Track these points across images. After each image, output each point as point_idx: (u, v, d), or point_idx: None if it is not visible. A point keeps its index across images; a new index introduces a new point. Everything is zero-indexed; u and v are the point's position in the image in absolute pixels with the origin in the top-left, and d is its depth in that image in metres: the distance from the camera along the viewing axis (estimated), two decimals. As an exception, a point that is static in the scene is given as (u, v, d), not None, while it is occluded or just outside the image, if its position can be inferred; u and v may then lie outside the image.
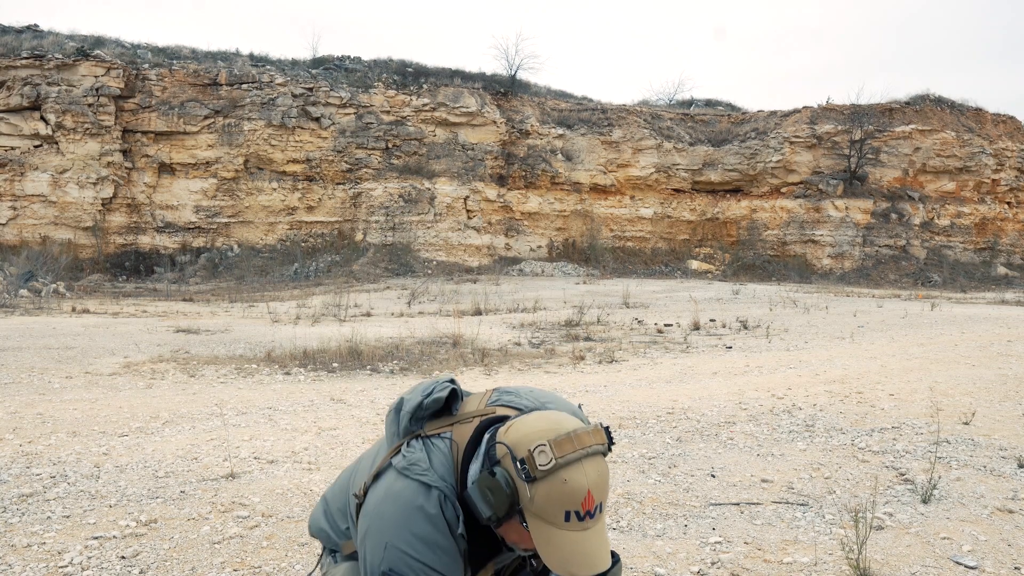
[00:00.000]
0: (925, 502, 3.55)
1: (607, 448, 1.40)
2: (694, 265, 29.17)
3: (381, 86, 27.23)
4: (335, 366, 7.75)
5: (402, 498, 1.44)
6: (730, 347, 9.85)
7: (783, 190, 30.25)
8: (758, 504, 3.55)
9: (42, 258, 20.30)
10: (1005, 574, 2.81)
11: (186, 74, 24.86)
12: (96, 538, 3.02)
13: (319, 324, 12.21)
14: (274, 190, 25.74)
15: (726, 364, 8.23)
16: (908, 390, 6.37)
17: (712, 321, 12.73)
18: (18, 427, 4.87)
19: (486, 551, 1.51)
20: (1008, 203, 30.57)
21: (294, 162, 25.89)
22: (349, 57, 28.88)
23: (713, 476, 3.99)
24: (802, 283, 25.69)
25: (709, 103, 34.99)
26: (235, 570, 2.78)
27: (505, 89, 29.40)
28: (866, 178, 29.75)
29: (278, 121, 25.33)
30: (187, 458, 4.20)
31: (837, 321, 13.24)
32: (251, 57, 27.20)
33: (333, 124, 26.13)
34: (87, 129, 22.91)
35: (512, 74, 30.10)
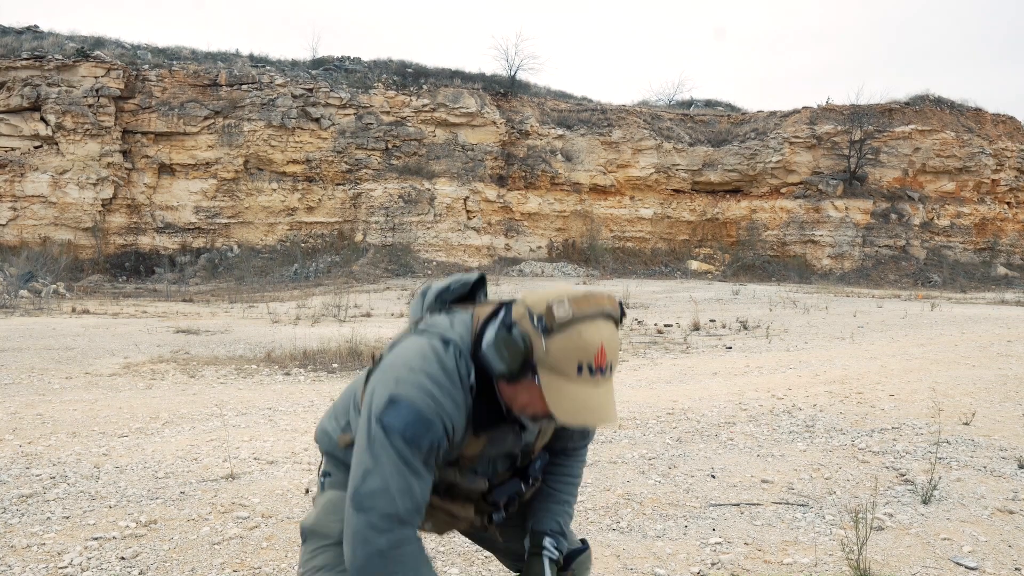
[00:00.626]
0: (925, 503, 3.54)
1: (620, 318, 1.45)
2: (694, 265, 29.17)
3: (381, 87, 27.23)
4: (335, 367, 7.75)
5: (418, 345, 1.47)
6: (730, 347, 9.85)
7: (783, 190, 30.26)
8: (758, 505, 3.55)
9: (42, 259, 20.30)
10: (1006, 575, 2.80)
11: (186, 75, 24.86)
12: (96, 539, 3.01)
13: (319, 325, 12.21)
14: (274, 191, 25.74)
15: (726, 364, 8.23)
16: (908, 391, 6.36)
17: (712, 321, 12.73)
18: (18, 428, 4.86)
19: (487, 419, 1.51)
20: (1008, 203, 30.58)
21: (294, 163, 25.90)
22: (349, 58, 28.89)
23: (713, 477, 3.99)
24: (802, 283, 25.69)
25: (709, 103, 35.00)
26: (235, 571, 2.77)
27: (505, 90, 29.39)
28: (866, 178, 29.75)
29: (278, 122, 25.34)
30: (187, 459, 4.20)
31: (837, 321, 13.24)
32: (251, 58, 27.21)
33: (333, 125, 26.13)
34: (87, 130, 22.91)
35: (512, 75, 30.11)
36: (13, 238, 22.61)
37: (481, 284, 1.67)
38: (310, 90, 26.03)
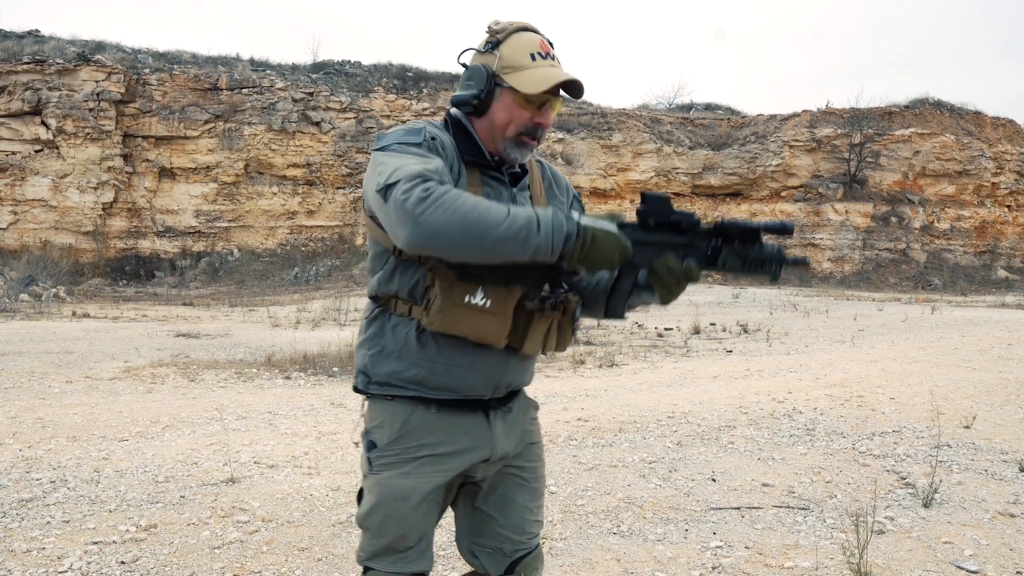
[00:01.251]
0: (926, 506, 3.54)
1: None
2: (694, 269, 29.17)
3: (381, 90, 27.26)
4: (335, 370, 7.74)
5: (405, 124, 1.56)
6: (730, 351, 9.85)
7: (783, 194, 30.26)
8: (759, 508, 3.55)
9: (42, 262, 20.30)
10: (1007, 578, 2.80)
11: (187, 79, 24.90)
12: (96, 543, 3.01)
13: (319, 328, 12.21)
14: (274, 194, 25.75)
15: (726, 368, 8.22)
16: (909, 394, 6.36)
17: (712, 325, 12.73)
18: (18, 431, 4.86)
19: (470, 152, 1.58)
20: (1008, 206, 30.57)
21: (294, 166, 25.91)
22: (349, 62, 28.92)
23: (714, 480, 3.98)
24: (802, 287, 25.68)
25: (709, 107, 35.02)
26: (235, 575, 2.77)
27: (505, 93, 29.41)
28: (866, 182, 29.76)
29: (278, 125, 25.36)
30: (187, 463, 4.19)
31: (837, 325, 13.23)
32: (251, 62, 27.24)
33: (333, 128, 26.15)
34: (88, 134, 22.94)
35: (512, 78, 30.12)
36: (14, 242, 22.62)
37: None
38: (310, 94, 26.06)
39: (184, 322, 13.11)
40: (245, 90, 25.40)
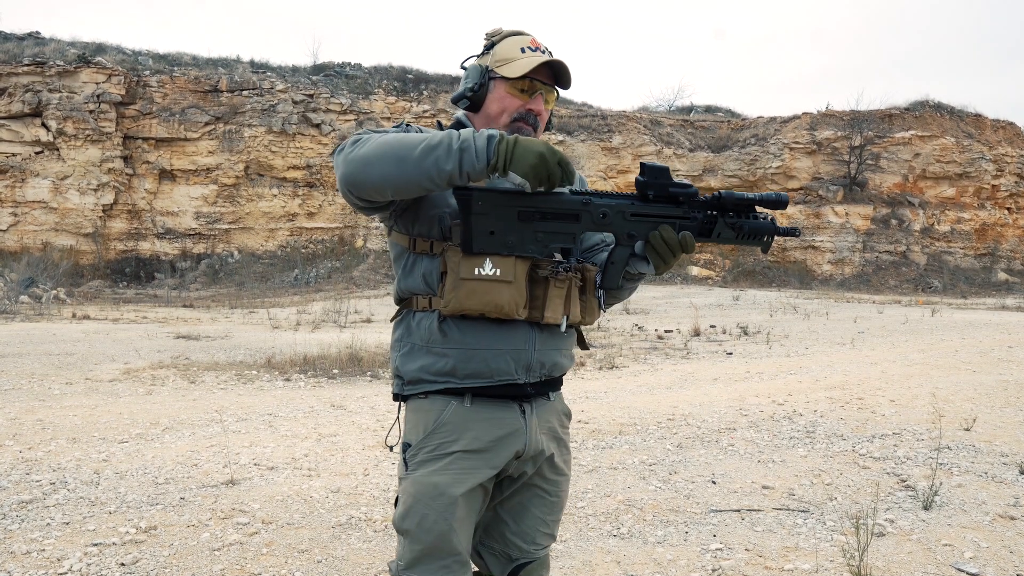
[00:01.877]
0: (926, 508, 3.54)
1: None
2: (694, 271, 29.17)
3: (381, 92, 27.28)
4: (335, 372, 7.74)
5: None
6: (730, 353, 9.84)
7: (783, 196, 30.28)
8: (759, 511, 3.55)
9: (43, 264, 20.30)
10: (1007, 581, 2.80)
11: (187, 81, 24.92)
12: (96, 545, 3.01)
13: (319, 330, 12.21)
14: (274, 196, 25.76)
15: (726, 370, 8.22)
16: (909, 396, 6.36)
17: (712, 327, 12.73)
18: (18, 433, 4.86)
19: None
20: (1008, 209, 30.58)
21: (295, 168, 25.92)
22: (349, 64, 28.94)
23: (714, 482, 3.98)
24: (802, 289, 25.67)
25: (709, 109, 35.04)
26: (235, 577, 2.77)
27: (505, 95, 29.43)
28: (866, 184, 29.77)
29: (279, 127, 25.38)
30: (187, 464, 4.19)
31: (837, 327, 13.23)
32: (252, 64, 27.26)
33: (334, 130, 26.17)
34: (88, 136, 22.95)
35: (512, 80, 30.14)
36: (14, 243, 22.63)
37: None
38: (311, 96, 26.08)
39: (184, 324, 13.11)
40: (245, 92, 25.42)
